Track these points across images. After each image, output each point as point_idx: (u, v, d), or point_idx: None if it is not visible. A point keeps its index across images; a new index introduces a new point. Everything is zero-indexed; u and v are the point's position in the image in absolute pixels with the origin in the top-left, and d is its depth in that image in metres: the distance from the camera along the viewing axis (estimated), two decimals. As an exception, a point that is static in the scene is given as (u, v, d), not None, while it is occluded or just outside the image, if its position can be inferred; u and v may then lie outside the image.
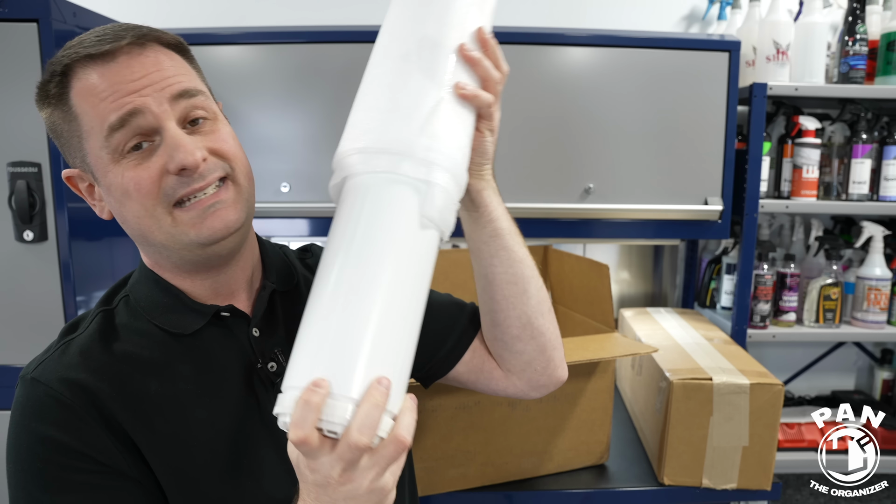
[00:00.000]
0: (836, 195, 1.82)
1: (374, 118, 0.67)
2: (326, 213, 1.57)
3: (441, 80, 0.68)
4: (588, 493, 1.33)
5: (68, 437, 0.66)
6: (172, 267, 0.73)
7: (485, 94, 0.71)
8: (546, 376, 0.89)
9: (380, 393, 0.55)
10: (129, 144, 0.66)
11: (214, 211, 0.68)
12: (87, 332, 0.72)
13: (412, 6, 0.74)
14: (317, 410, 0.54)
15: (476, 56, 0.70)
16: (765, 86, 1.64)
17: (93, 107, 0.65)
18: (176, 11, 1.83)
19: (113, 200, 0.69)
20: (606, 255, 2.09)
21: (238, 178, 0.71)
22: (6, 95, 1.23)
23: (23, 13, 1.21)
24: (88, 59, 0.66)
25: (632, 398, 1.67)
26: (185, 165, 0.65)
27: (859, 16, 1.70)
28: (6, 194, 1.25)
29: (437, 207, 0.64)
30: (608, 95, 1.60)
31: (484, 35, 0.72)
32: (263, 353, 0.76)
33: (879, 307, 1.80)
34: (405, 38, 0.72)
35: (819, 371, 2.16)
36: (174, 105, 0.67)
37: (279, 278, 0.81)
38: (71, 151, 0.70)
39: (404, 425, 0.57)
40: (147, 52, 0.67)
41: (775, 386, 1.29)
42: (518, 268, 0.83)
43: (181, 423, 0.71)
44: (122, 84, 0.65)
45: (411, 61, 0.69)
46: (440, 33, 0.70)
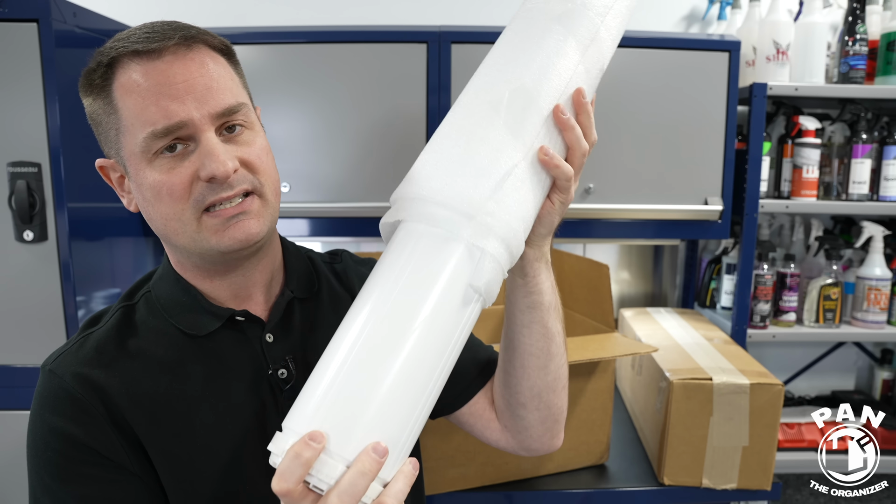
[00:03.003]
0: (836, 195, 1.81)
1: (445, 166, 0.64)
2: (326, 213, 1.57)
3: (524, 140, 0.64)
4: (588, 493, 1.33)
5: (77, 431, 0.68)
6: (193, 267, 0.75)
7: (566, 168, 0.67)
8: (540, 443, 0.88)
9: (370, 461, 0.53)
10: (165, 147, 0.67)
11: (237, 221, 0.68)
12: (105, 327, 0.74)
13: (519, 47, 0.69)
14: (306, 466, 0.53)
15: (569, 121, 0.66)
16: (765, 86, 1.64)
17: (135, 105, 0.66)
18: (175, 11, 1.83)
19: (142, 198, 0.70)
20: (606, 255, 2.09)
21: (265, 192, 0.71)
22: (6, 95, 1.23)
23: (23, 13, 1.21)
24: (135, 55, 0.66)
25: (632, 398, 1.67)
26: (215, 175, 0.66)
27: (859, 16, 1.70)
28: (6, 194, 1.25)
29: (485, 279, 0.60)
30: (608, 95, 1.60)
31: (582, 98, 0.68)
32: (275, 360, 0.76)
33: (879, 307, 1.80)
34: (500, 83, 0.67)
35: (819, 371, 2.16)
36: (215, 119, 0.67)
37: (299, 285, 0.81)
38: (107, 142, 0.71)
39: (392, 493, 0.55)
40: (193, 54, 0.68)
41: (775, 386, 1.29)
42: (545, 343, 0.80)
43: (187, 424, 0.71)
44: (165, 86, 0.65)
45: (499, 112, 0.64)
46: (538, 87, 0.65)
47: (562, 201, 0.71)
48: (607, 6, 0.72)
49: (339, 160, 1.57)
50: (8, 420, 1.31)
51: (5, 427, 1.31)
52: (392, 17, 1.92)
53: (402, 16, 1.93)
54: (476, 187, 0.61)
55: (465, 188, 0.61)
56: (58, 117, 1.23)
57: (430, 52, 1.53)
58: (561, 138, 0.67)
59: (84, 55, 1.34)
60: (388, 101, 1.55)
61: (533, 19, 0.71)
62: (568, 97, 0.67)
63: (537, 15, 0.71)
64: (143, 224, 1.58)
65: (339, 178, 1.58)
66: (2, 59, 1.22)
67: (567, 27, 0.69)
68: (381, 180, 1.58)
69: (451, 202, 0.60)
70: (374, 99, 1.55)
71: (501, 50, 0.71)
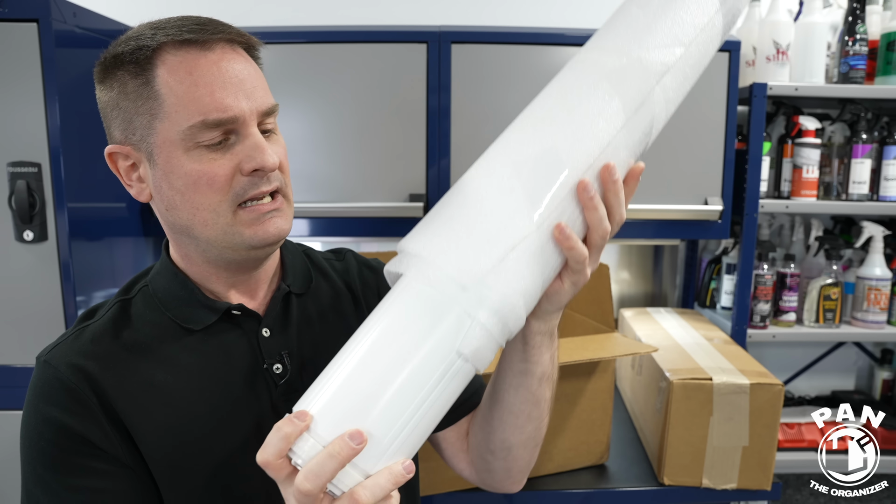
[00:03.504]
0: (836, 195, 1.81)
1: (452, 227, 0.60)
2: (325, 213, 1.57)
3: (542, 210, 0.59)
4: (588, 493, 1.33)
5: (71, 421, 0.68)
6: (203, 262, 0.75)
7: (581, 249, 0.61)
8: (498, 484, 0.88)
9: (342, 445, 0.53)
10: (212, 140, 0.67)
11: (271, 217, 0.70)
12: (101, 320, 0.74)
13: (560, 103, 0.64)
14: (286, 440, 0.54)
15: (593, 201, 0.61)
16: (765, 86, 1.64)
17: (186, 93, 0.66)
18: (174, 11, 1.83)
19: (168, 186, 0.69)
20: (606, 255, 2.09)
21: (287, 192, 0.74)
22: (6, 95, 1.23)
23: (23, 13, 1.21)
24: (185, 44, 0.67)
25: (632, 398, 1.67)
26: (264, 166, 0.67)
27: (859, 16, 1.70)
28: (6, 194, 1.25)
29: (472, 347, 0.58)
30: (608, 95, 1.60)
31: (611, 175, 0.62)
32: (270, 355, 0.76)
33: (879, 307, 1.80)
34: (531, 141, 0.62)
35: (819, 371, 2.16)
36: (259, 117, 0.70)
37: (296, 280, 0.82)
38: (130, 127, 0.69)
39: (369, 484, 0.54)
40: (239, 55, 0.70)
41: (775, 386, 1.29)
42: (528, 407, 0.78)
43: (179, 417, 0.71)
44: (220, 78, 0.66)
45: (522, 173, 0.60)
46: (570, 151, 0.60)
47: (573, 282, 0.65)
48: (667, 65, 0.65)
49: (339, 160, 1.57)
50: (8, 420, 1.31)
51: (5, 427, 1.31)
52: (392, 17, 1.92)
53: (402, 16, 1.93)
54: (478, 258, 0.58)
55: (467, 257, 0.59)
56: (58, 117, 1.23)
57: (430, 52, 1.53)
58: (584, 216, 0.62)
59: (84, 55, 1.34)
60: (388, 101, 1.55)
61: (582, 71, 0.66)
62: (598, 170, 0.62)
63: (588, 67, 0.65)
64: (143, 224, 1.58)
65: (339, 178, 1.58)
66: (2, 59, 1.22)
67: (616, 86, 0.63)
68: (380, 180, 1.58)
69: (449, 269, 0.58)
70: (374, 99, 1.55)
71: (542, 102, 0.66)
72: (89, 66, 1.39)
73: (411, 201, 1.55)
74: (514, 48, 1.56)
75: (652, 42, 0.65)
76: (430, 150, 1.57)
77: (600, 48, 0.67)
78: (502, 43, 1.55)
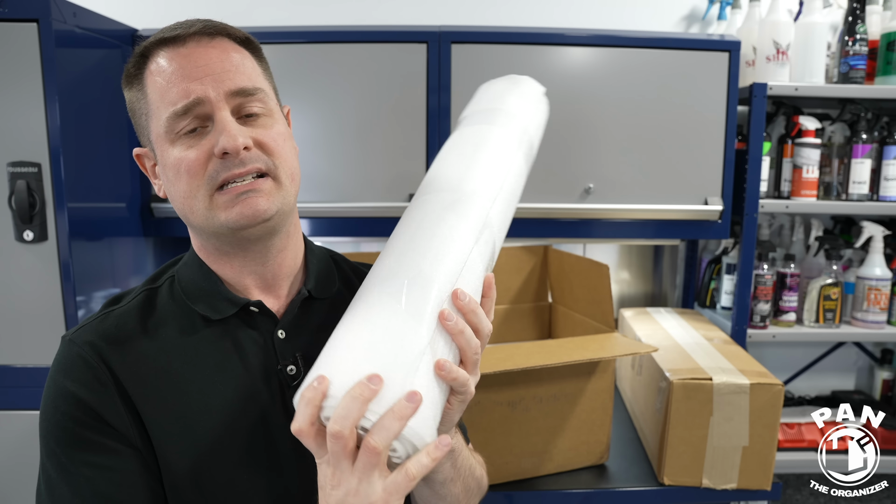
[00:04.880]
0: (836, 195, 1.81)
1: (346, 368, 0.60)
2: (325, 213, 1.57)
3: (424, 338, 0.62)
4: (588, 493, 1.33)
5: (88, 396, 0.70)
6: (214, 250, 0.77)
7: (462, 376, 0.64)
8: None
9: (363, 387, 0.56)
10: (186, 128, 0.70)
11: (247, 198, 0.70)
12: (127, 306, 0.77)
13: (417, 235, 0.71)
14: (313, 405, 0.57)
15: (455, 326, 0.64)
16: (765, 86, 1.64)
17: (159, 88, 0.70)
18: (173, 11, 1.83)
19: (166, 179, 0.73)
20: (606, 255, 2.09)
21: (280, 175, 0.73)
22: (6, 95, 1.23)
23: (23, 13, 1.21)
24: (162, 44, 0.71)
25: (632, 398, 1.67)
26: (226, 149, 0.68)
27: (859, 16, 1.70)
28: (6, 194, 1.24)
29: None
30: (608, 95, 1.60)
31: (463, 300, 0.66)
32: (284, 356, 0.77)
33: (879, 307, 1.80)
34: (400, 269, 0.67)
35: (819, 371, 2.16)
36: (230, 99, 0.70)
37: (318, 285, 0.82)
38: (141, 130, 0.75)
39: (380, 432, 0.55)
40: (215, 43, 0.72)
41: (775, 386, 1.29)
42: (436, 500, 0.81)
43: (190, 406, 0.73)
44: (186, 69, 0.69)
45: (398, 309, 0.63)
46: (434, 273, 0.65)
47: (461, 401, 0.67)
48: (493, 196, 0.77)
49: (339, 160, 1.57)
50: (9, 420, 1.31)
51: (6, 427, 1.31)
52: (392, 17, 1.92)
53: (403, 16, 1.93)
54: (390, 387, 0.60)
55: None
56: (58, 117, 1.23)
57: (430, 52, 1.53)
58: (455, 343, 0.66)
59: (84, 55, 1.34)
60: (388, 101, 1.55)
61: (427, 209, 0.74)
62: (452, 293, 0.66)
63: (431, 206, 0.74)
64: (143, 224, 1.58)
65: (339, 178, 1.58)
66: (2, 59, 1.22)
67: (459, 214, 0.73)
68: (380, 180, 1.58)
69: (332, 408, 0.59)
70: (374, 99, 1.55)
71: (401, 234, 0.73)
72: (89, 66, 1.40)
73: (411, 201, 1.54)
74: (514, 48, 1.56)
75: (475, 178, 0.78)
76: (430, 151, 1.57)
77: (437, 189, 0.78)
78: (502, 43, 1.56)
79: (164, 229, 1.60)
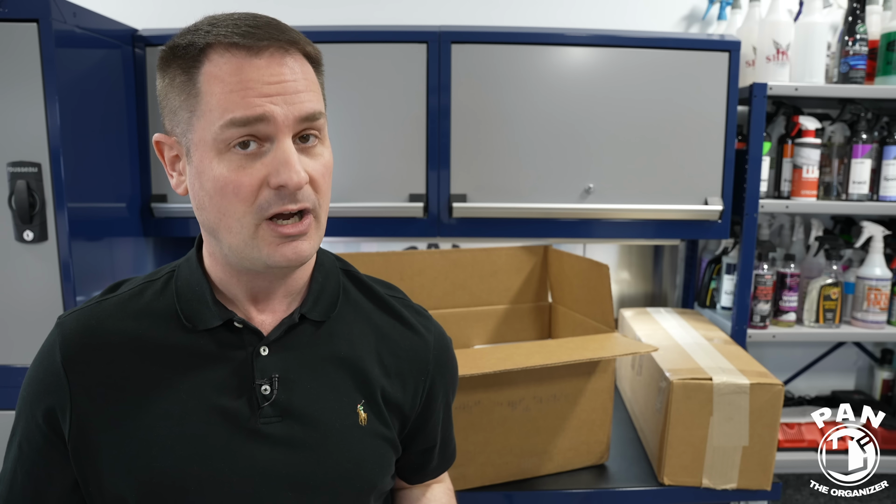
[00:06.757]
0: (836, 195, 1.81)
1: None
2: (326, 213, 1.57)
3: None
4: (588, 493, 1.33)
5: (46, 384, 0.73)
6: (226, 264, 0.75)
7: None
8: None
9: None
10: (238, 140, 0.66)
11: (293, 241, 0.69)
12: (119, 298, 0.77)
13: None
14: None
15: None
16: (765, 86, 1.64)
17: (221, 93, 0.65)
18: (172, 11, 1.84)
19: (200, 187, 0.69)
20: (606, 255, 2.09)
21: (320, 214, 0.72)
22: (6, 95, 1.23)
23: (23, 13, 1.21)
24: (232, 47, 0.66)
25: (632, 398, 1.67)
26: (287, 185, 0.66)
27: (859, 16, 1.70)
28: (6, 194, 1.25)
29: None
30: (608, 95, 1.60)
31: None
32: (262, 374, 0.75)
33: (879, 307, 1.80)
34: None
35: (819, 371, 2.16)
36: (296, 125, 0.67)
37: (314, 307, 0.79)
38: (176, 121, 0.70)
39: None
40: (289, 59, 0.68)
41: (775, 386, 1.29)
42: None
43: (151, 412, 0.72)
44: (257, 84, 0.65)
45: None
46: None
47: None
48: None
49: (339, 160, 1.56)
50: (8, 420, 1.30)
51: (6, 427, 1.31)
52: (392, 17, 1.92)
53: (403, 16, 1.93)
54: None
55: None
56: (58, 117, 1.23)
57: (430, 52, 1.53)
58: None
59: (84, 55, 1.34)
60: (388, 101, 1.55)
61: None
62: None
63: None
64: (143, 224, 1.58)
65: (339, 178, 1.57)
66: (2, 59, 1.22)
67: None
68: (380, 180, 1.58)
69: None
70: (374, 99, 1.55)
71: None
72: (89, 66, 1.40)
73: (411, 201, 1.55)
74: (514, 48, 1.56)
75: None
76: (430, 150, 1.57)
77: None
78: (502, 43, 1.56)
79: (164, 229, 1.60)
